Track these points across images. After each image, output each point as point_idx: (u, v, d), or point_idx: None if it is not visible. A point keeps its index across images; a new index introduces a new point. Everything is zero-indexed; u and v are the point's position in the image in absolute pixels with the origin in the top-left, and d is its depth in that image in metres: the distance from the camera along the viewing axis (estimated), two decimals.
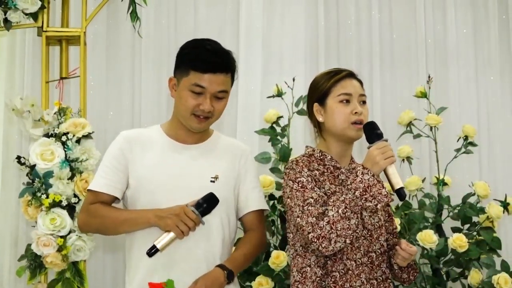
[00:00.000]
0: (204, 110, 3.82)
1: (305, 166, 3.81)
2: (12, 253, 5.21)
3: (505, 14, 5.76)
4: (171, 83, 3.96)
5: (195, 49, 3.95)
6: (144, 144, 3.96)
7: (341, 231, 3.57)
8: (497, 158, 5.65)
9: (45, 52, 5.07)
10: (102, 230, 3.99)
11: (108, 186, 3.85)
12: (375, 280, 3.77)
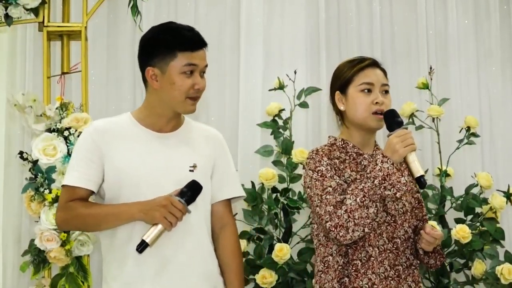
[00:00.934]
0: (199, 89, 3.75)
1: (325, 155, 3.79)
2: (15, 249, 5.20)
3: (506, 4, 5.75)
4: (150, 74, 3.76)
5: (174, 35, 3.84)
6: (118, 134, 3.83)
7: (359, 220, 3.57)
8: (499, 149, 5.64)
9: (46, 48, 5.09)
10: (83, 228, 4.01)
11: (84, 180, 3.70)
12: (400, 266, 3.74)
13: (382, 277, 3.67)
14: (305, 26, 5.68)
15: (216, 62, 5.61)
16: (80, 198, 3.71)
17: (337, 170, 3.75)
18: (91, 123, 4.22)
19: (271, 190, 5.09)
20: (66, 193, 3.73)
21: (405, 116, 5.20)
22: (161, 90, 3.75)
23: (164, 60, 3.72)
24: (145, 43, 3.85)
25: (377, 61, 3.88)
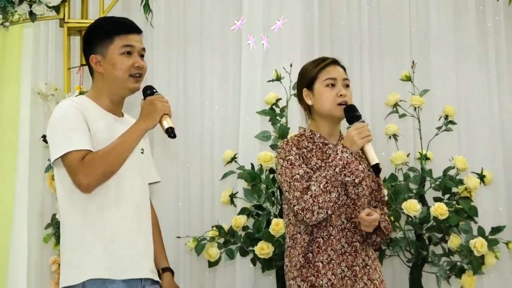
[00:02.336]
0: (139, 66, 3.81)
1: (294, 145, 3.92)
2: (39, 223, 5.21)
3: (482, 5, 5.76)
4: (94, 61, 3.86)
5: (110, 22, 4.01)
6: (89, 114, 3.81)
7: (322, 204, 3.71)
8: (474, 135, 5.71)
9: (66, 42, 5.18)
10: (109, 170, 3.71)
11: (88, 143, 3.69)
12: (357, 242, 3.87)
13: (339, 253, 3.82)
14: (300, 24, 5.73)
15: (220, 56, 5.78)
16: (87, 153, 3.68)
17: (304, 158, 3.89)
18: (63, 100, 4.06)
19: (268, 171, 5.17)
20: (76, 157, 3.66)
21: (390, 105, 5.33)
22: (105, 73, 3.84)
23: (104, 46, 3.82)
24: (86, 35, 3.98)
25: (337, 59, 4.04)
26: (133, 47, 3.83)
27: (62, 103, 3.91)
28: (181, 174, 5.46)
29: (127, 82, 3.84)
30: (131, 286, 3.74)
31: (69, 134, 3.73)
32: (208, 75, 5.77)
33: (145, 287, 3.81)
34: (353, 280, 3.84)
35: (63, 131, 3.76)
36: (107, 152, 3.71)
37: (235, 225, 5.10)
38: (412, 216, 4.96)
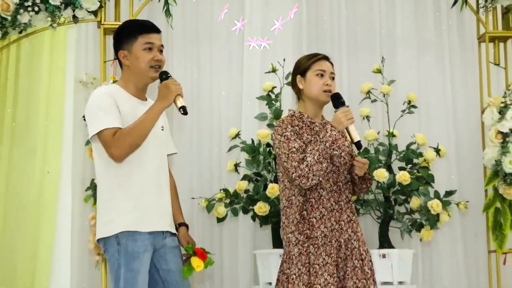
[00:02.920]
0: (158, 60, 3.86)
1: (289, 123, 3.92)
2: (81, 186, 5.21)
3: (438, 12, 5.74)
4: (122, 55, 3.92)
5: (134, 24, 4.06)
6: (118, 98, 3.86)
7: (316, 172, 3.74)
8: (432, 116, 5.73)
9: (102, 40, 5.15)
10: (136, 141, 3.76)
11: (119, 122, 3.75)
12: (342, 201, 3.90)
13: (329, 210, 3.85)
14: (292, 26, 5.65)
15: (226, 52, 5.75)
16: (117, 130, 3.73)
17: (298, 134, 3.89)
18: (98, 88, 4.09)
19: (265, 145, 5.17)
20: (109, 133, 3.71)
21: (364, 93, 5.30)
22: (131, 65, 3.86)
23: (129, 43, 3.84)
24: (115, 35, 3.99)
25: (328, 56, 4.08)
26: (153, 44, 3.86)
27: (97, 90, 3.96)
28: (194, 147, 5.42)
29: (148, 72, 3.88)
30: (155, 237, 3.76)
31: (102, 115, 3.76)
32: (216, 67, 5.74)
33: (166, 238, 3.83)
34: (339, 232, 3.85)
35: (98, 112, 3.79)
36: (133, 128, 3.74)
37: (239, 189, 5.13)
38: (381, 182, 4.96)
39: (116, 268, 3.74)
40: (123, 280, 3.69)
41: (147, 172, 3.83)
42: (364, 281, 3.82)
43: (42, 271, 5.30)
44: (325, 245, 3.85)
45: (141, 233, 3.73)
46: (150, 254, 3.77)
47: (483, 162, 5.33)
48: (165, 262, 3.86)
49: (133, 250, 3.71)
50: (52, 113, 5.49)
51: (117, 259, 3.73)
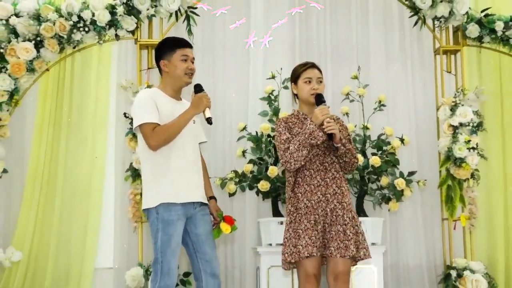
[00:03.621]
0: (191, 69, 3.90)
1: (283, 121, 3.96)
2: (122, 168, 5.22)
3: (402, 30, 5.79)
4: (162, 64, 3.94)
5: (174, 40, 4.06)
6: (158, 99, 3.89)
7: (296, 158, 3.76)
8: (397, 113, 5.68)
9: (138, 53, 5.15)
10: (169, 137, 3.81)
11: (157, 118, 3.78)
12: (327, 178, 3.86)
13: (315, 185, 3.82)
14: (288, 43, 5.71)
15: (236, 62, 5.71)
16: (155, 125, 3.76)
17: (289, 129, 3.91)
18: (144, 89, 4.23)
19: (267, 136, 5.16)
20: (149, 127, 3.76)
21: (344, 94, 5.31)
22: (170, 72, 3.90)
23: (169, 55, 3.89)
24: (157, 48, 4.03)
25: (315, 63, 4.04)
26: (187, 56, 3.91)
27: (141, 92, 4.03)
28: (211, 138, 5.30)
29: (183, 78, 3.92)
30: (187, 208, 3.80)
31: (144, 112, 3.81)
32: (228, 74, 5.72)
33: (196, 208, 3.85)
34: (326, 202, 3.81)
35: (141, 110, 3.83)
36: (168, 126, 3.77)
37: (245, 170, 5.14)
38: (358, 165, 4.88)
39: (155, 232, 3.78)
40: (160, 242, 3.73)
41: (181, 156, 3.85)
42: (346, 242, 3.77)
43: (91, 235, 5.30)
44: (307, 214, 3.81)
45: (175, 205, 3.77)
46: (183, 222, 3.80)
47: (438, 149, 5.34)
48: (194, 227, 3.88)
49: (168, 219, 3.74)
50: (99, 110, 5.48)
51: (156, 225, 3.77)
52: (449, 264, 5.14)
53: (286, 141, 3.88)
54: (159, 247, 3.74)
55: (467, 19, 5.31)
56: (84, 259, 5.26)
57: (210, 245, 3.92)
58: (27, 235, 5.20)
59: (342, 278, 3.85)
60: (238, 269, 5.47)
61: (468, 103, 5.18)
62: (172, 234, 3.74)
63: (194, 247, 3.91)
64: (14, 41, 4.91)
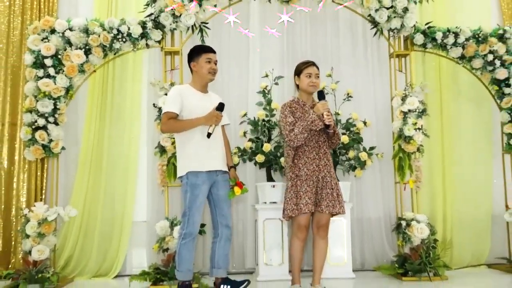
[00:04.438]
0: (214, 69, 3.94)
1: (288, 106, 4.00)
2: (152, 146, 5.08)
3: (365, 38, 5.71)
4: (192, 65, 3.98)
5: (201, 47, 4.09)
6: (187, 93, 3.92)
7: (299, 138, 3.84)
8: (361, 103, 5.60)
9: (163, 58, 5.09)
10: (174, 130, 3.91)
11: (177, 109, 3.83)
12: (321, 153, 3.93)
13: (311, 158, 3.89)
14: (278, 49, 5.64)
15: (239, 66, 5.65)
16: (172, 117, 3.83)
17: (292, 113, 3.95)
18: (176, 86, 4.20)
19: (262, 120, 5.15)
20: (167, 115, 3.83)
21: (321, 88, 5.11)
22: (198, 71, 3.97)
23: (197, 58, 3.97)
24: (189, 53, 4.05)
25: (314, 62, 4.08)
26: (211, 59, 3.97)
27: (173, 88, 4.03)
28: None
29: (208, 76, 3.99)
30: (210, 174, 3.86)
31: (168, 103, 3.89)
32: (232, 73, 5.66)
33: (218, 175, 3.90)
34: (318, 171, 3.88)
35: (167, 101, 3.92)
36: (180, 124, 3.84)
37: (246, 147, 5.15)
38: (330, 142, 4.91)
39: (185, 193, 3.85)
40: (188, 200, 3.81)
41: (205, 135, 3.85)
42: (333, 201, 3.89)
43: (130, 197, 5.31)
44: (307, 180, 3.89)
45: (201, 172, 3.83)
46: (207, 186, 3.85)
47: (392, 129, 5.31)
48: (216, 189, 3.94)
49: (195, 183, 3.81)
50: (134, 102, 5.45)
51: (186, 188, 3.84)
52: (400, 216, 5.16)
53: (291, 123, 3.90)
54: (187, 204, 3.83)
55: (414, 30, 5.31)
56: (124, 215, 5.28)
57: (227, 204, 4.00)
58: (81, 197, 5.24)
59: (324, 228, 4.00)
60: (241, 222, 5.48)
61: (415, 94, 5.18)
62: (198, 195, 3.82)
63: (214, 204, 4.00)
64: (68, 49, 4.92)
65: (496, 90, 5.47)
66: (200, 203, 3.84)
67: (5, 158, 5.33)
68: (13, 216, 5.27)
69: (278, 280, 4.75)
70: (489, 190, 5.65)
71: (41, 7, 5.44)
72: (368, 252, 5.50)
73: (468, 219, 5.56)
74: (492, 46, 5.33)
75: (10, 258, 5.21)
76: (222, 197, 3.97)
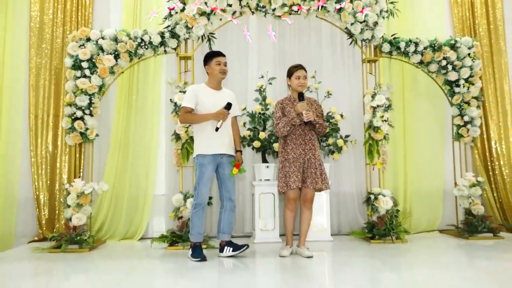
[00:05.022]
0: (223, 70, 3.94)
1: (280, 103, 4.01)
2: (169, 134, 5.08)
3: (342, 46, 5.64)
4: (206, 68, 3.96)
5: (213, 52, 4.03)
6: (201, 91, 3.88)
7: (283, 131, 3.88)
8: (339, 99, 5.49)
9: (179, 62, 5.05)
10: (189, 122, 3.89)
11: (192, 104, 3.82)
12: (307, 140, 3.92)
13: (298, 144, 3.92)
14: (271, 54, 5.56)
15: (239, 65, 5.58)
16: (189, 111, 3.84)
17: (282, 109, 3.95)
18: (193, 85, 4.18)
19: (258, 113, 5.12)
20: (184, 109, 3.84)
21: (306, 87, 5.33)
22: (211, 73, 3.95)
23: (210, 61, 3.95)
24: (204, 58, 4.03)
25: (303, 66, 4.07)
26: (221, 61, 3.95)
27: (190, 87, 4.01)
28: None
29: (218, 75, 3.97)
30: (215, 157, 3.85)
31: (185, 99, 3.86)
32: (234, 74, 5.60)
33: (223, 158, 3.88)
34: (304, 155, 3.89)
35: (185, 97, 3.92)
36: (194, 117, 3.83)
37: (245, 135, 5.13)
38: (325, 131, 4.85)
39: (196, 171, 3.89)
40: (197, 177, 3.85)
41: (214, 125, 3.85)
42: (317, 179, 3.92)
43: (151, 175, 5.29)
44: (294, 162, 3.91)
45: (207, 155, 3.85)
46: (212, 166, 3.86)
47: (363, 121, 5.29)
48: (222, 169, 3.96)
49: (202, 163, 3.85)
50: (155, 98, 5.39)
51: (196, 166, 3.88)
52: (370, 191, 5.17)
53: (279, 118, 3.94)
54: (197, 180, 3.89)
55: (382, 40, 5.29)
56: (147, 189, 5.29)
57: (231, 181, 4.02)
58: (111, 175, 5.26)
59: (309, 201, 4.05)
60: (241, 195, 5.46)
61: (382, 93, 5.17)
62: (204, 172, 3.86)
63: (221, 181, 4.04)
64: (101, 54, 4.92)
65: (448, 90, 5.48)
66: (206, 179, 3.87)
67: (50, 143, 5.37)
68: (56, 190, 5.33)
69: (271, 242, 4.79)
70: (441, 170, 5.64)
71: (78, 19, 5.45)
72: (343, 220, 5.52)
73: (424, 193, 5.59)
74: (445, 54, 5.36)
75: (55, 224, 5.28)
76: (226, 176, 4.01)
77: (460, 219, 5.38)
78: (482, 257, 3.91)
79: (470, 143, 5.51)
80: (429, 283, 3.06)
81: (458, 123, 5.44)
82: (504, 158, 5.67)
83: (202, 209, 3.87)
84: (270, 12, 5.09)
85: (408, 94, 5.72)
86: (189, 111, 3.88)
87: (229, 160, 3.98)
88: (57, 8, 5.43)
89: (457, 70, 5.40)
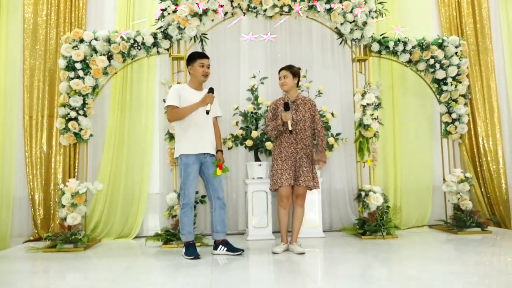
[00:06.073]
0: (206, 72, 3.89)
1: (273, 104, 4.01)
2: (163, 133, 5.01)
3: (333, 46, 5.65)
4: (189, 68, 3.89)
5: (196, 53, 3.97)
6: (183, 90, 3.85)
7: (270, 134, 3.91)
8: (330, 98, 5.49)
9: (171, 62, 5.04)
10: (179, 117, 3.82)
11: (176, 102, 3.77)
12: (298, 139, 3.94)
13: (290, 143, 3.94)
14: (263, 55, 5.58)
15: (231, 67, 5.58)
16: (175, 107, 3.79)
17: (275, 109, 3.95)
18: (176, 85, 4.09)
19: (250, 113, 5.13)
20: (169, 108, 3.81)
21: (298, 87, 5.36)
22: (193, 74, 3.90)
23: (193, 62, 3.90)
24: (188, 58, 3.98)
25: (284, 66, 4.04)
26: (204, 63, 3.90)
27: (173, 86, 3.96)
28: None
29: (201, 77, 3.91)
30: (199, 156, 3.82)
31: (169, 98, 3.82)
32: (227, 74, 5.62)
33: (206, 157, 3.85)
34: (296, 154, 3.93)
35: (169, 97, 3.87)
36: (180, 111, 3.80)
37: (238, 133, 5.14)
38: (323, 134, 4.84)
39: (181, 171, 3.84)
40: (183, 177, 3.81)
41: (196, 125, 3.83)
42: (308, 177, 3.91)
43: (146, 174, 5.28)
44: (286, 160, 3.92)
45: (191, 155, 3.81)
46: (197, 165, 3.82)
47: (354, 119, 5.31)
48: (206, 169, 3.92)
49: (187, 163, 3.81)
50: (148, 98, 5.38)
51: (181, 167, 3.83)
52: (361, 188, 5.18)
53: (269, 120, 3.95)
54: (182, 180, 3.85)
55: (371, 40, 5.28)
56: (141, 188, 5.27)
57: (216, 180, 3.98)
58: (106, 174, 5.22)
59: (301, 198, 4.06)
60: (235, 193, 5.47)
61: (372, 91, 5.18)
62: (190, 172, 3.82)
63: (207, 181, 4.02)
64: (94, 55, 4.87)
65: (436, 88, 5.50)
66: (192, 178, 3.84)
67: (44, 144, 5.33)
68: (51, 190, 5.28)
69: (264, 239, 4.80)
70: (430, 167, 5.66)
71: (72, 21, 5.40)
72: (335, 217, 5.53)
73: (414, 189, 5.61)
74: (433, 53, 5.38)
75: (50, 223, 5.24)
76: (211, 175, 3.99)
77: (449, 214, 5.40)
78: (470, 252, 3.93)
79: (458, 139, 5.54)
80: (420, 277, 3.06)
81: (446, 121, 5.45)
82: (491, 154, 5.68)
83: (190, 209, 3.85)
84: (262, 13, 5.11)
85: (397, 92, 5.73)
86: (173, 108, 3.84)
87: (211, 160, 3.95)
88: (51, 9, 5.39)
89: (444, 69, 5.43)
